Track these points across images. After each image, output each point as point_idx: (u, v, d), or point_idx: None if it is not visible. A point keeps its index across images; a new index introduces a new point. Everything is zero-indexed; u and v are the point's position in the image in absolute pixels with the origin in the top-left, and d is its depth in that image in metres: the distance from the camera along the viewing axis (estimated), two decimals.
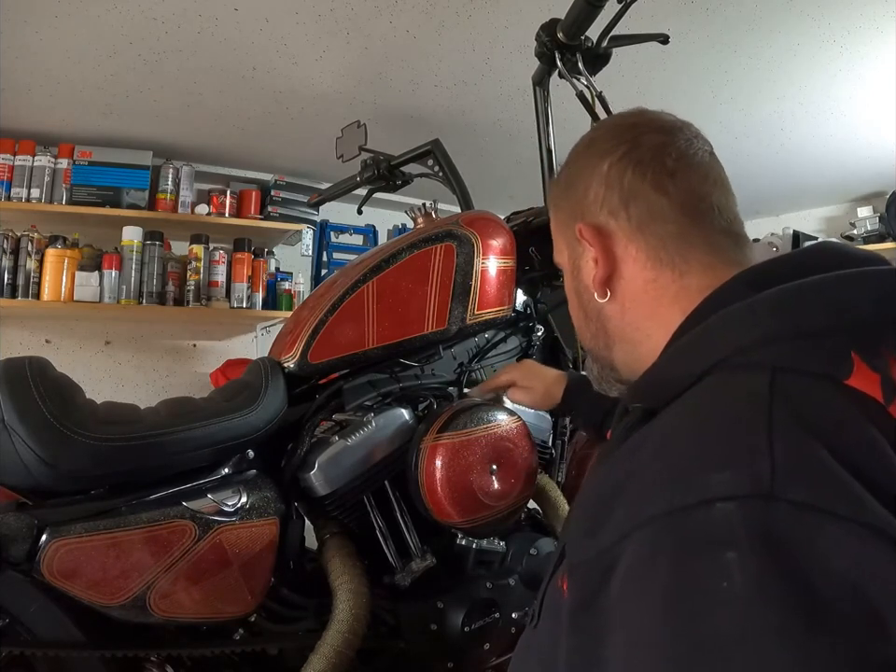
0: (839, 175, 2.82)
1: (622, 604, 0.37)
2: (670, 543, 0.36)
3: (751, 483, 0.35)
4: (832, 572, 0.33)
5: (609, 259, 0.57)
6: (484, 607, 1.04)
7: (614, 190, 0.57)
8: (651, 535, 0.37)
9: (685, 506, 0.36)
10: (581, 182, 0.60)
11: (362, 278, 1.07)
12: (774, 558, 0.33)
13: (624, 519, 0.39)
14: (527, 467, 1.05)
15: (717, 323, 0.47)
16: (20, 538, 0.78)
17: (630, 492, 0.41)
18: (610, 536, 0.40)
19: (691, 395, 0.45)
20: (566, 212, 0.63)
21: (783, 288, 0.45)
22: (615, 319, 0.59)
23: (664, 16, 1.66)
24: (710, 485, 0.36)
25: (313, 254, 2.94)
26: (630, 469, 0.43)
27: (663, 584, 0.35)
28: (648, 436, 0.45)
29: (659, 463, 0.41)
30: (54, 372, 0.90)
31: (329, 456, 0.99)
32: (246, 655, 0.95)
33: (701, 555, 0.34)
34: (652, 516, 0.37)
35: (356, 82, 2.05)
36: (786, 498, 0.34)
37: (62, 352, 2.57)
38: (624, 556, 0.38)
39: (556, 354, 1.32)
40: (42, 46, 1.77)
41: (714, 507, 0.35)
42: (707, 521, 0.35)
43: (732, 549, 0.34)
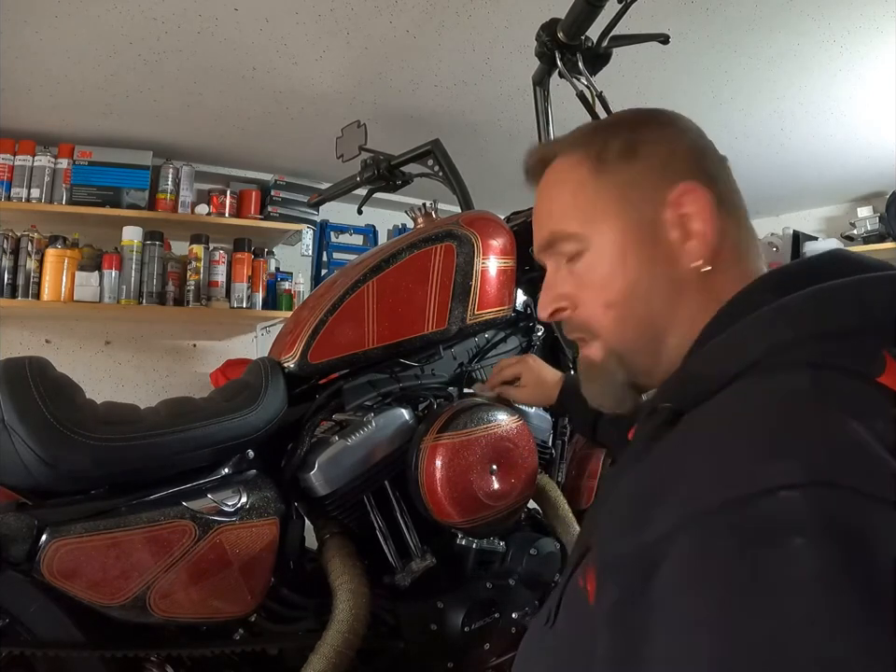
0: (839, 175, 2.82)
1: (671, 600, 0.37)
2: (732, 534, 0.36)
3: (812, 472, 0.35)
4: (888, 558, 0.33)
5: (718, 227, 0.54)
6: (484, 607, 1.04)
7: (702, 160, 0.57)
8: (710, 527, 0.37)
9: (746, 496, 0.36)
10: (661, 147, 0.57)
11: (362, 278, 1.07)
12: (841, 545, 0.33)
13: (674, 513, 0.39)
14: (527, 467, 1.05)
15: (747, 326, 0.48)
16: (20, 538, 0.78)
17: (677, 488, 0.41)
18: (657, 530, 0.39)
19: (729, 394, 0.45)
20: (629, 175, 0.57)
21: (815, 290, 0.46)
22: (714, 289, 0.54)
23: (664, 16, 1.66)
24: (771, 475, 0.36)
25: (313, 254, 2.94)
26: (672, 469, 0.43)
27: (728, 574, 0.35)
28: (687, 436, 0.45)
29: (707, 460, 0.41)
30: (54, 372, 0.90)
31: (328, 456, 0.99)
32: (246, 655, 0.95)
33: (767, 544, 0.34)
34: (709, 509, 0.37)
35: (356, 82, 2.05)
36: (847, 486, 0.35)
37: (62, 352, 2.57)
38: (677, 549, 0.37)
39: (556, 354, 1.32)
40: (42, 46, 1.77)
41: (777, 495, 0.35)
42: (770, 510, 0.35)
43: (799, 536, 0.34)
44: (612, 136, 0.60)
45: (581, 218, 0.59)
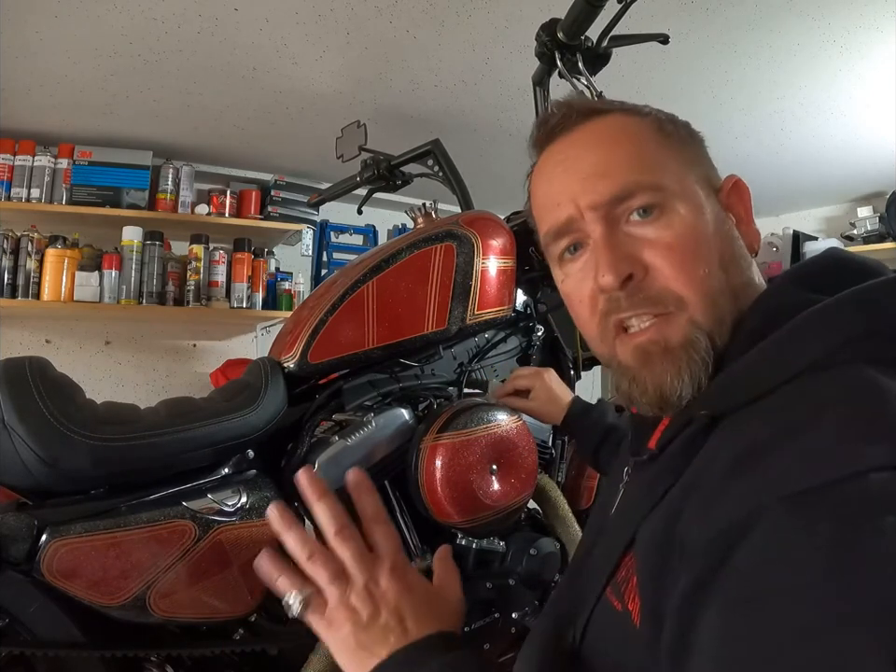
0: (839, 175, 2.83)
1: (753, 577, 0.37)
2: (824, 514, 0.36)
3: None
4: None
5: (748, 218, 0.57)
6: (484, 607, 1.04)
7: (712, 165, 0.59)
8: (801, 507, 0.37)
9: (838, 479, 0.37)
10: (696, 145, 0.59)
11: (362, 278, 1.07)
12: None
13: (755, 498, 0.39)
14: (527, 467, 1.05)
15: (802, 326, 0.46)
16: (20, 538, 0.78)
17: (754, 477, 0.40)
18: (734, 516, 0.39)
19: (789, 392, 0.44)
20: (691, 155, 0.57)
21: (860, 290, 0.46)
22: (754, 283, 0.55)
23: (664, 16, 1.66)
24: (861, 458, 0.37)
25: (313, 254, 2.94)
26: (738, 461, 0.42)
27: (824, 550, 0.35)
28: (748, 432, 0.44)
29: (789, 448, 0.40)
30: (54, 372, 0.90)
31: (328, 456, 0.99)
32: (246, 655, 0.95)
33: (862, 522, 0.35)
34: (800, 491, 0.37)
35: (356, 82, 2.05)
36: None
37: (62, 352, 2.57)
38: (760, 529, 0.38)
39: (556, 354, 1.32)
40: (42, 46, 1.78)
41: (868, 477, 0.36)
42: (863, 490, 0.36)
43: (892, 514, 0.35)
44: (661, 114, 0.58)
45: (664, 173, 0.54)
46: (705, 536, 0.41)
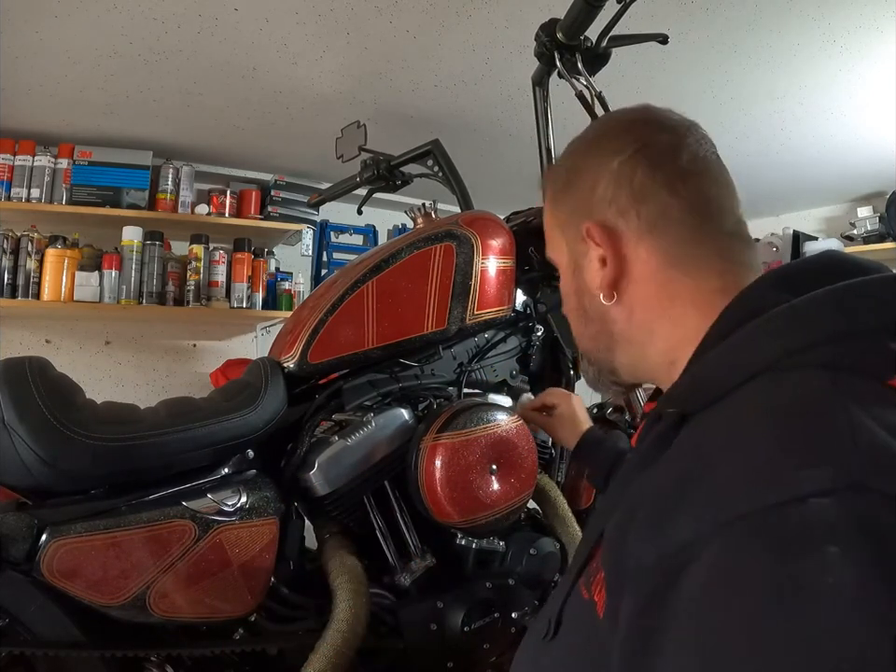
0: (839, 175, 2.82)
1: (697, 608, 0.36)
2: (764, 542, 0.35)
3: (842, 477, 0.35)
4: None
5: (619, 261, 0.56)
6: (484, 607, 1.04)
7: (623, 189, 0.55)
8: (740, 535, 0.36)
9: (777, 503, 0.36)
10: (587, 179, 0.58)
11: (362, 278, 1.07)
12: (876, 551, 0.33)
13: (699, 521, 0.38)
14: (527, 467, 1.05)
15: (761, 327, 0.47)
16: (20, 538, 0.79)
17: (699, 493, 0.40)
18: (681, 538, 0.39)
19: (746, 394, 0.45)
20: (567, 209, 0.61)
21: (827, 291, 0.45)
22: (621, 322, 0.58)
23: (664, 16, 1.66)
24: (801, 482, 0.36)
25: (313, 254, 2.94)
26: (692, 472, 0.42)
27: (760, 583, 0.34)
28: (703, 437, 0.45)
29: (730, 463, 0.40)
30: (54, 372, 0.90)
31: (328, 456, 0.99)
32: (246, 655, 0.95)
33: (801, 552, 0.34)
34: (739, 516, 0.36)
35: (356, 82, 2.05)
36: (877, 489, 0.34)
37: (62, 352, 2.57)
38: (704, 557, 0.37)
39: (556, 354, 1.32)
40: (42, 46, 1.77)
41: (808, 503, 0.35)
42: (803, 517, 0.35)
43: (833, 544, 0.33)
44: (563, 159, 0.64)
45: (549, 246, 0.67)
46: (650, 558, 0.40)
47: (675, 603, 0.37)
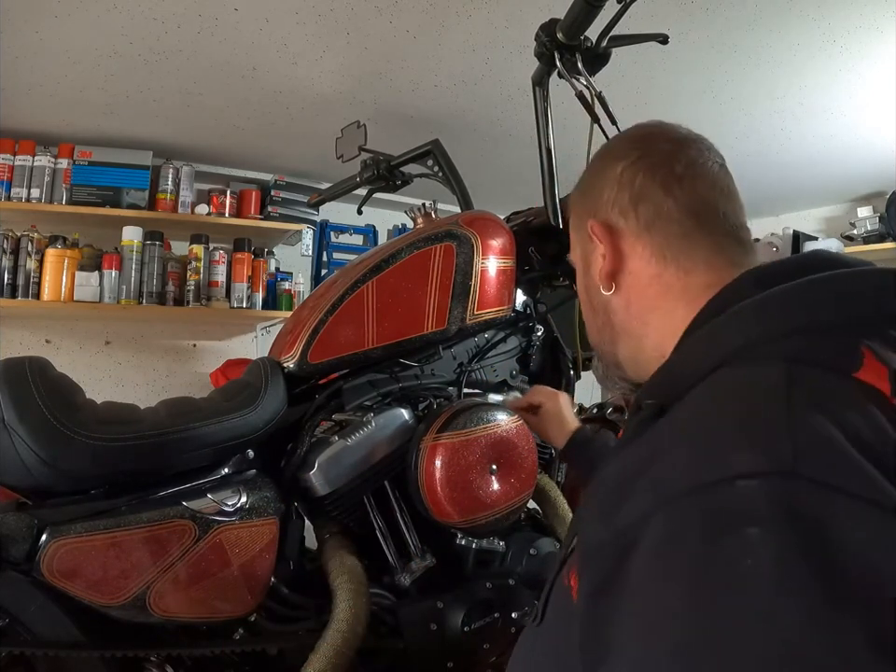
0: (839, 175, 2.82)
1: (645, 582, 0.38)
2: (693, 521, 0.37)
3: (772, 462, 0.36)
4: (851, 550, 0.33)
5: (617, 255, 0.60)
6: (484, 607, 1.04)
7: (625, 191, 0.60)
8: (674, 513, 0.38)
9: (707, 483, 0.37)
10: (597, 184, 0.63)
11: (362, 278, 1.07)
12: (797, 534, 0.34)
13: (646, 500, 0.40)
14: (527, 467, 1.05)
15: (728, 319, 0.49)
16: (20, 538, 0.79)
17: (650, 475, 0.42)
18: (630, 516, 0.40)
19: (704, 385, 0.46)
20: (580, 211, 0.66)
21: (793, 284, 0.47)
22: (620, 313, 0.62)
23: (664, 16, 1.66)
24: (732, 464, 0.37)
25: (313, 254, 2.93)
26: (648, 456, 0.44)
27: (686, 561, 0.36)
28: (665, 425, 0.47)
29: (680, 446, 0.42)
30: (54, 372, 0.90)
31: (328, 456, 0.99)
32: (246, 655, 0.95)
33: (724, 532, 0.35)
34: (675, 495, 0.38)
35: (356, 82, 2.05)
36: (806, 476, 0.35)
37: (62, 352, 2.57)
38: (647, 535, 0.38)
39: (556, 354, 1.32)
40: (42, 46, 1.77)
41: (735, 484, 0.36)
42: (728, 498, 0.36)
43: (754, 525, 0.34)
44: (584, 171, 0.69)
45: (571, 249, 0.71)
46: (603, 538, 0.42)
47: (625, 579, 0.38)
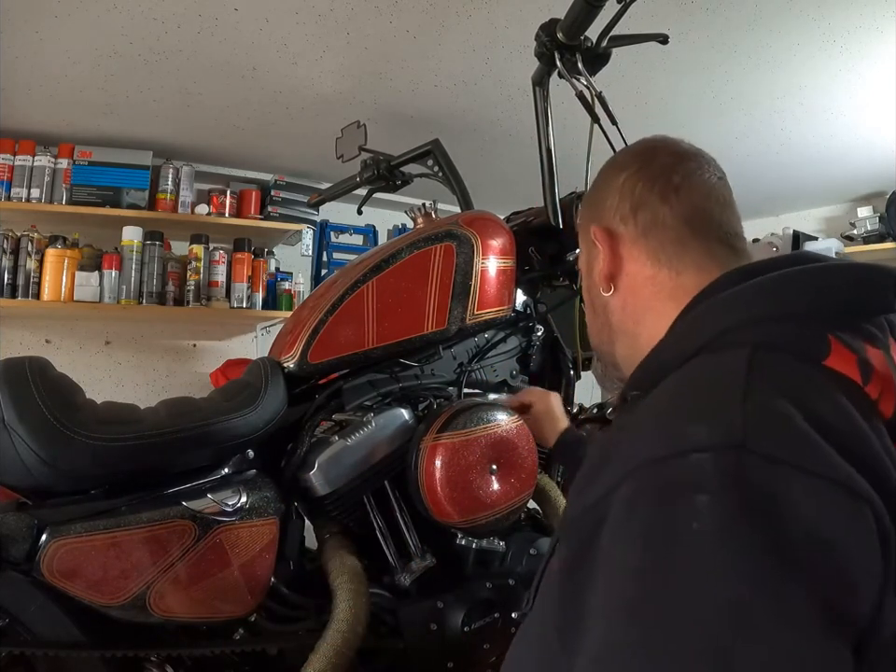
0: (839, 175, 2.82)
1: (607, 553, 0.41)
2: (648, 490, 0.40)
3: (725, 436, 0.39)
4: (799, 521, 0.36)
5: (615, 258, 0.64)
6: (484, 607, 1.04)
7: (626, 200, 0.64)
8: (633, 484, 0.41)
9: (664, 456, 0.40)
10: (602, 193, 0.67)
11: (362, 278, 1.07)
12: (744, 502, 0.36)
13: (612, 475, 0.43)
14: (527, 467, 1.05)
15: (703, 310, 0.53)
16: (20, 538, 0.79)
17: (618, 453, 0.45)
18: (599, 491, 0.44)
19: (678, 371, 0.50)
20: (587, 219, 0.69)
21: (766, 277, 0.50)
22: (617, 312, 0.65)
23: (664, 16, 1.66)
24: (687, 438, 0.40)
25: (313, 254, 2.93)
26: (620, 438, 0.47)
27: (640, 527, 0.39)
28: (638, 409, 0.50)
29: (645, 426, 0.46)
30: (54, 372, 0.90)
31: (328, 456, 0.99)
32: (246, 655, 0.95)
33: (675, 499, 0.38)
34: (635, 467, 0.41)
35: (356, 82, 2.05)
36: (757, 451, 0.38)
37: (62, 352, 2.57)
38: (612, 507, 0.42)
39: (556, 354, 1.32)
40: (42, 46, 1.77)
41: (690, 456, 0.39)
42: (682, 469, 0.39)
43: (704, 493, 0.37)
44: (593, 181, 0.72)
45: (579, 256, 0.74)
46: (577, 511, 0.46)
47: (596, 552, 0.42)
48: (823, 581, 0.35)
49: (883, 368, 0.45)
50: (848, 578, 0.36)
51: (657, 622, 0.35)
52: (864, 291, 0.48)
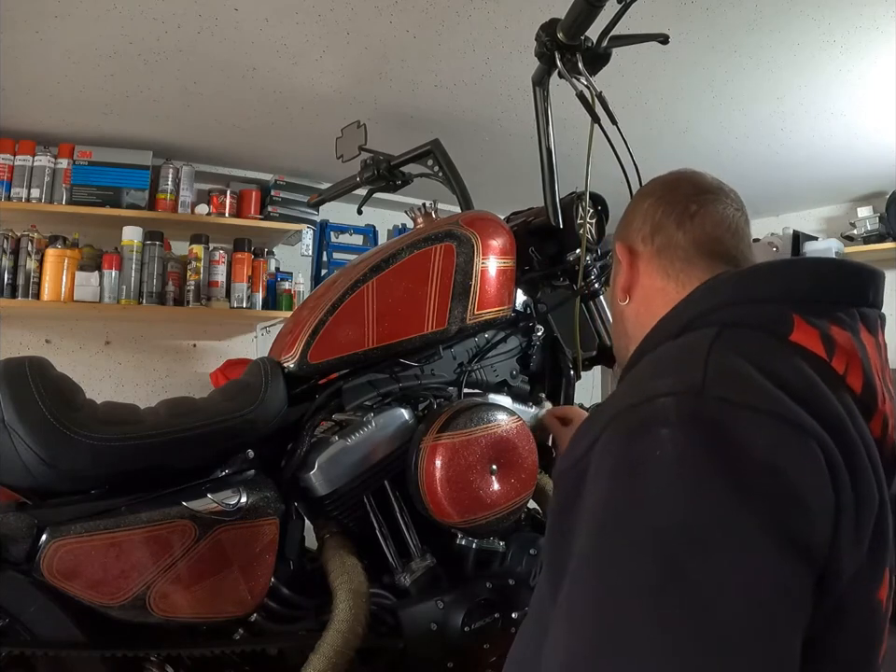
0: (839, 175, 2.82)
1: (587, 495, 0.46)
2: (619, 431, 0.46)
3: (686, 385, 0.46)
4: (749, 450, 0.41)
5: (633, 272, 0.73)
6: (484, 607, 1.04)
7: (648, 223, 0.71)
8: (609, 431, 0.47)
9: (634, 404, 0.47)
10: (631, 215, 0.75)
11: (362, 278, 1.07)
12: (700, 433, 0.42)
13: (594, 428, 0.49)
14: (527, 467, 1.05)
15: (684, 301, 0.61)
16: (20, 538, 0.79)
17: (599, 413, 0.51)
18: (584, 444, 0.50)
19: (653, 351, 0.57)
20: (617, 236, 0.78)
21: (738, 270, 0.59)
22: (631, 319, 0.73)
23: (664, 16, 1.66)
24: (655, 387, 0.47)
25: (313, 254, 2.93)
26: (604, 405, 0.53)
27: (612, 460, 0.45)
28: None
29: (620, 389, 0.53)
30: (54, 372, 0.90)
31: (328, 456, 0.99)
32: (246, 655, 0.95)
33: (641, 434, 0.44)
34: (611, 417, 0.48)
35: (356, 82, 2.05)
36: (713, 395, 0.44)
37: (62, 352, 2.57)
38: (594, 456, 0.47)
39: (556, 354, 1.32)
40: (42, 46, 1.77)
41: (655, 401, 0.46)
42: (648, 411, 0.45)
43: (665, 427, 0.43)
44: None
45: None
46: (563, 466, 0.52)
47: (581, 499, 0.47)
48: (774, 504, 0.39)
49: (847, 344, 0.50)
50: (800, 503, 0.40)
51: (621, 537, 0.41)
52: (831, 283, 0.54)
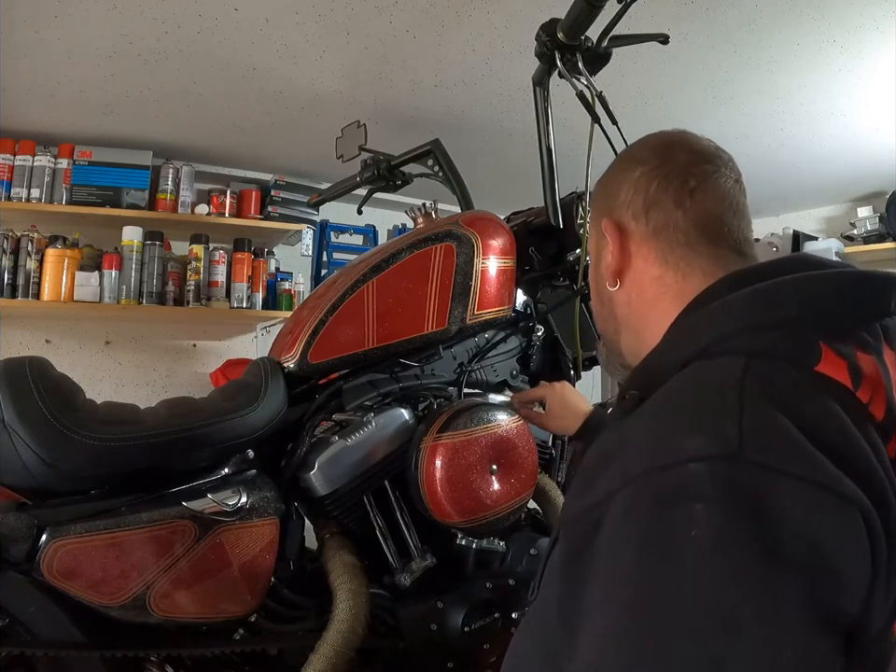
0: (839, 175, 2.82)
1: (605, 553, 0.43)
2: (647, 498, 0.41)
3: (719, 447, 0.41)
4: (789, 524, 0.38)
5: (624, 254, 0.64)
6: (484, 607, 1.04)
7: (640, 196, 0.63)
8: (633, 491, 0.42)
9: (662, 466, 0.42)
10: (616, 184, 0.66)
11: (362, 278, 1.07)
12: (738, 509, 0.38)
13: (612, 479, 0.45)
14: (527, 467, 1.05)
15: (699, 318, 0.54)
16: (20, 538, 0.79)
17: (619, 459, 0.46)
18: (599, 494, 0.45)
19: (674, 379, 0.51)
20: (598, 207, 0.69)
21: (758, 286, 0.51)
22: (622, 306, 0.66)
23: (664, 16, 1.66)
24: (685, 448, 0.42)
25: (313, 254, 2.93)
26: (619, 442, 0.48)
27: (638, 531, 0.40)
28: (636, 415, 0.51)
29: (644, 433, 0.47)
30: (54, 372, 0.90)
31: (328, 456, 0.99)
32: (246, 655, 0.95)
33: (672, 507, 0.40)
34: (635, 475, 0.43)
35: (356, 82, 2.05)
36: (749, 460, 0.40)
37: (62, 352, 2.57)
38: (611, 510, 0.43)
39: (556, 354, 1.32)
40: (42, 46, 1.77)
41: (687, 466, 0.41)
42: (679, 478, 0.40)
43: (700, 501, 0.39)
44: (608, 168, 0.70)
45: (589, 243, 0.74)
46: (576, 510, 0.48)
47: (595, 548, 0.44)
48: (813, 581, 0.37)
49: (873, 372, 0.46)
50: (838, 578, 0.37)
51: (653, 626, 0.37)
52: (856, 298, 0.49)
